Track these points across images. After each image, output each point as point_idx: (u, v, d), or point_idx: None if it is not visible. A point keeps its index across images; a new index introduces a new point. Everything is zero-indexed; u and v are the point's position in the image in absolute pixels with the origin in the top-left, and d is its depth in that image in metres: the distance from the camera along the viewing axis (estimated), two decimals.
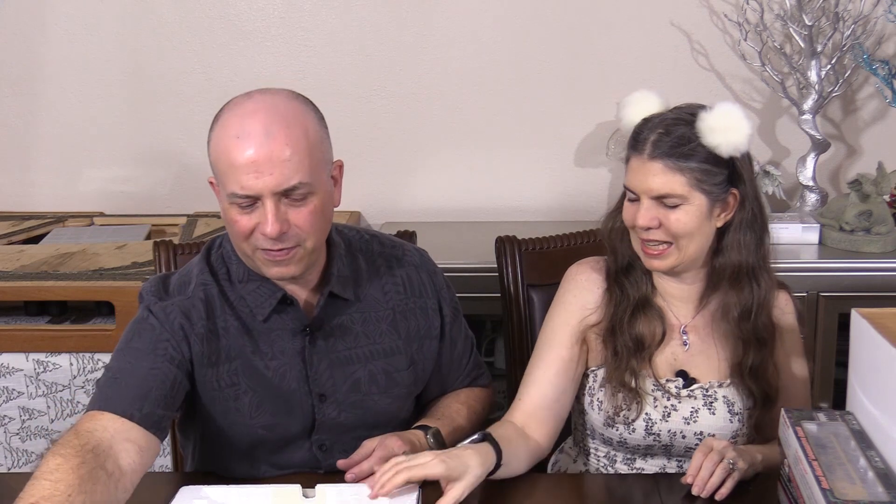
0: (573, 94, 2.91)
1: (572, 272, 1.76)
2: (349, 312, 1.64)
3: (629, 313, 1.68)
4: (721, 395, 1.68)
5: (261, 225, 1.46)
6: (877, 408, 1.37)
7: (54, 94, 2.95)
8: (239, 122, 1.46)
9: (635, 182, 1.62)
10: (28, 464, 2.39)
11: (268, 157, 1.43)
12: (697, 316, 1.72)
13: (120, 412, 1.45)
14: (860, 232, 2.59)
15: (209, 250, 1.63)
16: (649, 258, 1.64)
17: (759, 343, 1.67)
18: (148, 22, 2.91)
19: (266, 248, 1.49)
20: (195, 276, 1.60)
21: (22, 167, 3.00)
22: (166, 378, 1.51)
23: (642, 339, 1.67)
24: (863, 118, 2.93)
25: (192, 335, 1.54)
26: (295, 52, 2.91)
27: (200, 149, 3.22)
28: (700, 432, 1.67)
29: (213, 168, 1.51)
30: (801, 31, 2.71)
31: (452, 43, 2.90)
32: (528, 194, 2.97)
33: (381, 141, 2.94)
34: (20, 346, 2.31)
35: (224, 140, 1.46)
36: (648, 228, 1.61)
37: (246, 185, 1.44)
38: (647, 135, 1.61)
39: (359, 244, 1.69)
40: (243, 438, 1.60)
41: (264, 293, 1.57)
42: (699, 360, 1.70)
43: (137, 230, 2.80)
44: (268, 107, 1.47)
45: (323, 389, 1.61)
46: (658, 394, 1.67)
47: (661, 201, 1.60)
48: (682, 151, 1.58)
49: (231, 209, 1.48)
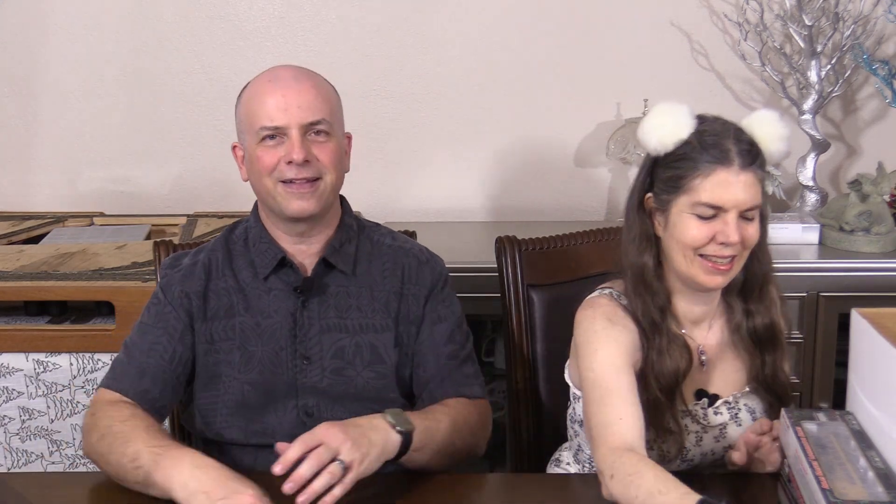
0: (573, 94, 2.91)
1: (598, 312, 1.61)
2: (346, 285, 1.71)
3: (662, 353, 1.59)
4: (743, 404, 1.67)
5: (286, 154, 1.63)
6: (877, 408, 1.37)
7: (54, 94, 2.95)
8: (269, 74, 1.69)
9: (727, 196, 1.52)
10: (28, 464, 2.39)
11: (296, 94, 1.64)
12: (709, 333, 1.68)
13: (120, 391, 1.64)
14: (860, 232, 2.59)
15: (237, 224, 1.79)
16: (714, 275, 1.56)
17: (772, 345, 1.65)
18: (148, 22, 2.91)
19: (290, 177, 1.64)
20: (210, 245, 1.76)
21: (22, 167, 3.00)
22: (165, 352, 1.66)
23: (676, 376, 1.59)
24: (863, 118, 2.93)
25: (192, 294, 1.69)
26: (295, 52, 2.90)
27: (200, 149, 3.23)
28: (728, 445, 1.63)
29: (242, 124, 1.69)
30: (801, 31, 2.71)
31: (452, 43, 2.90)
32: (528, 194, 2.97)
33: (380, 141, 2.94)
34: (20, 346, 2.31)
35: (255, 88, 1.68)
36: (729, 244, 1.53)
37: (275, 117, 1.63)
38: (726, 145, 1.53)
39: (370, 232, 1.79)
40: (232, 395, 1.67)
41: (269, 253, 1.70)
42: (715, 375, 1.67)
43: (137, 230, 2.80)
44: (293, 66, 1.72)
45: (309, 352, 1.68)
46: (688, 421, 1.63)
47: (741, 214, 1.54)
48: (758, 161, 1.55)
49: (258, 148, 1.65)
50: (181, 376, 1.68)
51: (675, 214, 1.56)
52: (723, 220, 1.53)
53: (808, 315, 2.49)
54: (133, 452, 1.48)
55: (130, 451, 1.49)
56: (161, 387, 1.65)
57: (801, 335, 2.51)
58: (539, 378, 1.96)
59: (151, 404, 1.63)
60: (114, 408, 1.60)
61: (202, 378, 1.69)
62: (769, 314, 1.65)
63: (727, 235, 1.52)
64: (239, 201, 2.79)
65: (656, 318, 1.59)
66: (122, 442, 1.51)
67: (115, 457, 1.51)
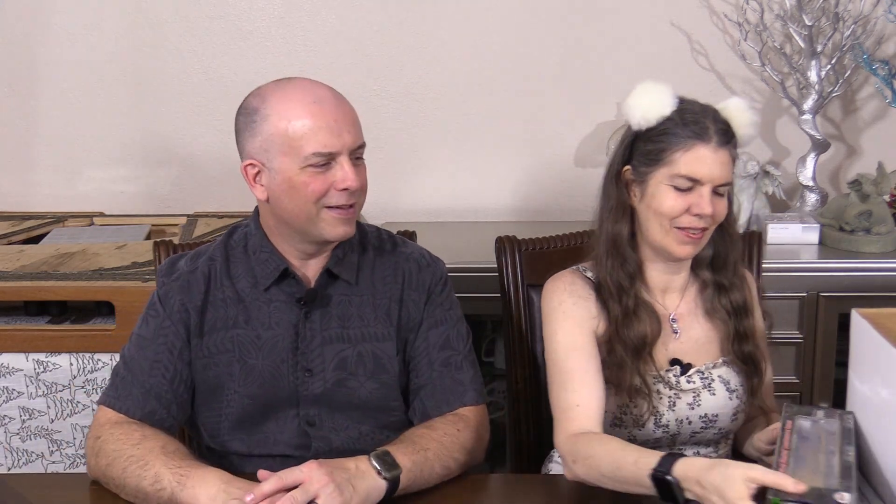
0: (573, 94, 2.91)
1: (557, 285, 1.72)
2: (348, 294, 1.69)
3: (629, 316, 1.68)
4: (717, 374, 1.72)
5: (339, 182, 1.57)
6: (877, 408, 1.37)
7: (54, 94, 2.95)
8: (306, 93, 1.59)
9: (704, 170, 1.61)
10: (28, 464, 2.39)
11: (345, 118, 1.59)
12: (681, 303, 1.75)
13: (124, 411, 1.61)
14: (860, 232, 2.59)
15: (236, 228, 1.75)
16: (685, 244, 1.65)
17: (744, 316, 1.73)
18: (148, 22, 2.91)
19: (340, 204, 1.59)
20: (209, 251, 1.71)
21: (22, 167, 3.00)
22: (167, 371, 1.63)
23: (644, 339, 1.68)
24: (863, 118, 2.93)
25: (190, 307, 1.65)
26: (295, 52, 2.91)
27: (200, 149, 3.23)
28: (704, 415, 1.70)
29: (271, 144, 1.58)
30: (801, 31, 2.71)
31: (452, 43, 2.90)
32: (528, 194, 2.97)
33: (380, 141, 2.94)
34: (20, 346, 2.31)
35: (297, 109, 1.57)
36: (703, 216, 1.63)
37: (328, 142, 1.56)
38: (706, 123, 1.62)
39: (371, 238, 1.76)
40: (234, 409, 1.65)
41: (271, 264, 1.66)
42: (689, 345, 1.73)
43: (137, 230, 2.80)
44: (315, 82, 1.63)
45: (310, 364, 1.65)
46: (661, 386, 1.70)
47: (715, 189, 1.63)
48: (734, 142, 1.65)
49: (303, 175, 1.57)
50: (183, 394, 1.66)
51: (654, 186, 1.65)
52: (698, 192, 1.62)
53: (808, 315, 2.49)
54: (153, 476, 1.48)
55: (150, 474, 1.48)
56: (167, 406, 1.63)
57: (801, 335, 2.51)
58: (539, 378, 1.96)
59: (161, 425, 1.61)
60: (120, 430, 1.57)
61: (202, 393, 1.67)
62: (741, 290, 1.74)
63: (701, 207, 1.61)
64: (239, 201, 2.80)
65: (625, 283, 1.69)
66: (139, 466, 1.50)
67: (133, 480, 1.49)
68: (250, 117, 1.60)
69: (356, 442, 1.66)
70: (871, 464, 1.38)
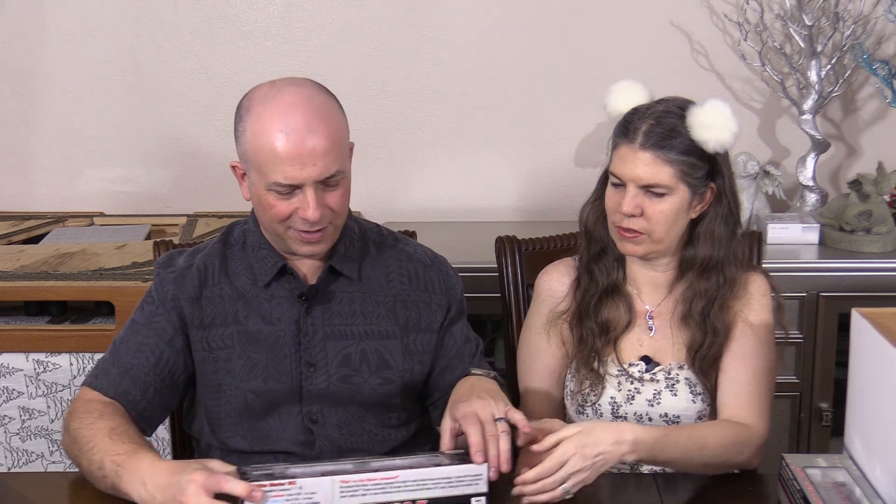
0: (573, 94, 2.91)
1: (540, 274, 1.83)
2: (350, 290, 1.69)
3: (597, 299, 1.74)
4: (683, 377, 1.73)
5: (301, 210, 1.56)
6: (877, 408, 1.37)
7: (54, 94, 2.95)
8: (280, 116, 1.54)
9: (623, 169, 1.66)
10: (28, 464, 2.39)
11: (312, 151, 1.53)
12: (664, 302, 1.77)
13: (99, 389, 1.62)
14: (860, 232, 2.59)
15: (234, 225, 1.75)
16: (624, 242, 1.70)
17: (713, 334, 1.70)
18: (148, 22, 2.91)
19: (304, 230, 1.59)
20: (207, 248, 1.72)
21: (22, 167, 3.00)
22: (151, 354, 1.63)
23: (608, 324, 1.73)
24: (863, 118, 2.93)
25: (184, 300, 1.65)
26: (295, 52, 2.91)
27: (200, 149, 3.22)
28: (664, 413, 1.71)
29: (247, 157, 1.58)
30: (801, 31, 2.71)
31: (452, 43, 2.90)
32: (528, 194, 2.97)
33: (380, 141, 2.94)
34: (20, 346, 2.31)
35: (266, 133, 1.54)
36: (630, 216, 1.65)
37: (290, 175, 1.53)
38: (638, 124, 1.66)
39: (372, 234, 1.76)
40: (235, 404, 1.65)
41: (270, 261, 1.67)
42: (663, 344, 1.75)
43: (137, 230, 2.80)
44: (304, 100, 1.56)
45: (314, 359, 1.65)
46: (622, 378, 1.73)
47: (647, 190, 1.65)
48: (671, 143, 1.64)
49: (268, 195, 1.57)
50: (167, 379, 1.64)
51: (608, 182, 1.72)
52: (625, 191, 1.66)
53: (808, 315, 2.50)
54: (98, 461, 1.48)
55: (96, 459, 1.48)
56: (143, 389, 1.62)
57: (801, 335, 2.51)
58: None
59: (134, 407, 1.61)
60: (85, 408, 1.57)
61: (204, 385, 1.68)
62: (723, 300, 1.71)
63: (622, 206, 1.66)
64: (239, 201, 2.78)
65: (591, 265, 1.76)
66: (88, 449, 1.50)
67: (85, 463, 1.51)
68: (238, 121, 1.61)
69: (359, 439, 1.67)
70: (870, 464, 1.38)
